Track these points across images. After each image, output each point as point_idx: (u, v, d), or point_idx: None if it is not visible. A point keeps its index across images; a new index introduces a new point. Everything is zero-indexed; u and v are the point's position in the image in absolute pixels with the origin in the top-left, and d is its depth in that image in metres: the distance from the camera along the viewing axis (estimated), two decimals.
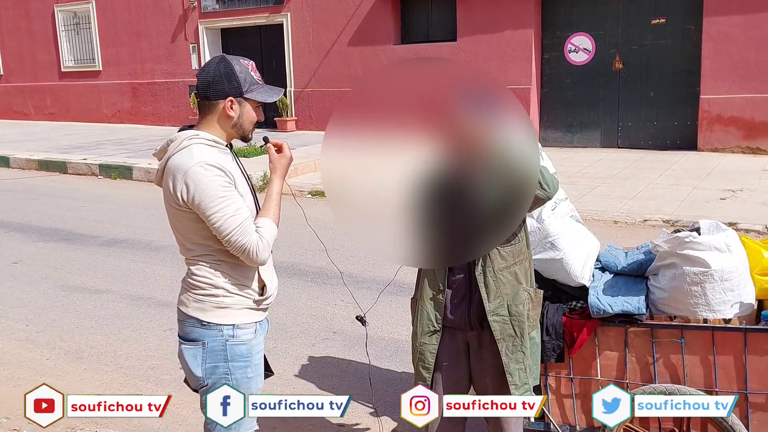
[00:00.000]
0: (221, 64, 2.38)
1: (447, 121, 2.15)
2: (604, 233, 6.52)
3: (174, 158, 2.34)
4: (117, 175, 11.60)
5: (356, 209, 2.30)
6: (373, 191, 2.24)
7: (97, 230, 8.07)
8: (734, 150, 10.91)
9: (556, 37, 12.31)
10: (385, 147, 2.20)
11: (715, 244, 2.86)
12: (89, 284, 6.20)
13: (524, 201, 2.20)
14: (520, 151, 2.11)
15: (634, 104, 11.80)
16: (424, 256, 2.32)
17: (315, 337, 4.91)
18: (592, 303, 2.96)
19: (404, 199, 2.23)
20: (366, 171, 2.24)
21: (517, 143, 2.12)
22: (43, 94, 19.43)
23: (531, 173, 2.17)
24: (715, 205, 7.73)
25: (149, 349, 4.81)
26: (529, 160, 2.14)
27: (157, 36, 16.95)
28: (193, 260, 2.42)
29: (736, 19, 10.62)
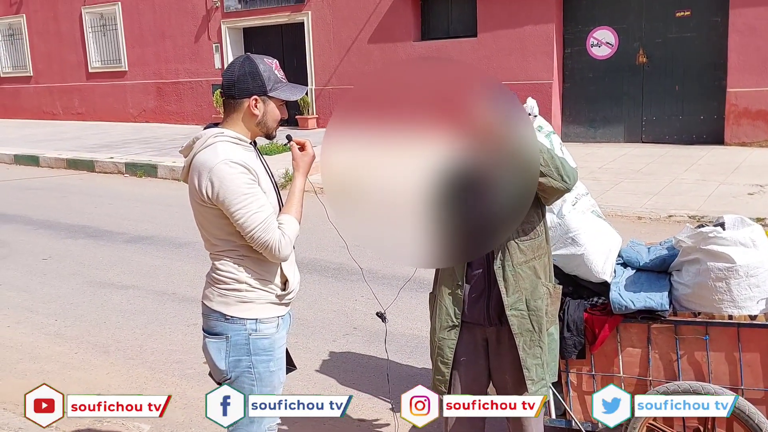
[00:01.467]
0: (246, 63, 2.42)
1: (464, 117, 2.16)
2: (628, 229, 6.47)
3: (199, 155, 2.37)
4: (143, 173, 11.75)
5: (364, 211, 2.31)
6: (383, 191, 2.26)
7: (124, 227, 8.19)
8: (762, 144, 10.73)
9: (578, 32, 12.20)
10: (394, 145, 2.21)
11: (740, 240, 2.82)
12: (116, 280, 6.30)
13: (531, 186, 2.24)
14: (524, 141, 2.15)
15: (658, 98, 11.65)
16: (442, 254, 2.33)
17: (336, 332, 4.94)
18: (613, 299, 2.94)
19: (420, 198, 2.25)
20: (372, 171, 2.25)
21: (521, 134, 2.15)
22: (71, 94, 19.74)
23: (533, 159, 2.22)
24: (743, 200, 7.61)
25: (174, 343, 4.88)
26: (531, 148, 2.20)
27: (181, 36, 17.13)
28: (217, 255, 2.46)
29: (763, 10, 10.43)
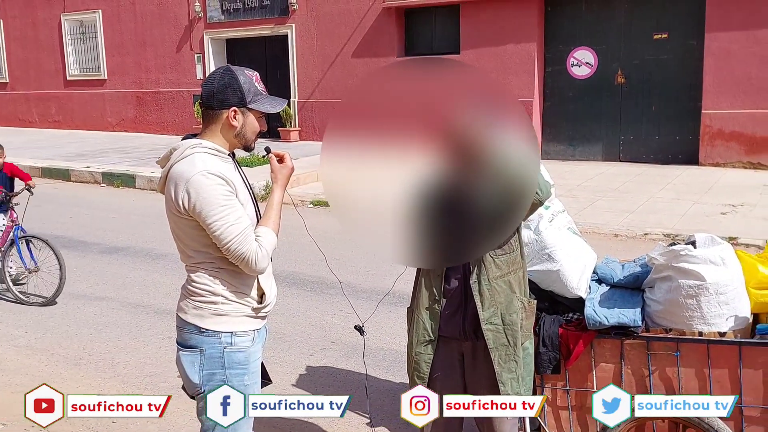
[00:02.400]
0: (226, 74, 2.42)
1: (446, 128, 2.18)
2: (604, 246, 6.54)
3: (176, 166, 2.36)
4: (120, 183, 11.65)
5: (357, 214, 2.33)
6: (373, 197, 2.27)
7: (99, 238, 8.10)
8: (735, 165, 10.93)
9: (558, 51, 12.38)
10: (382, 153, 2.23)
11: (711, 258, 2.87)
12: (89, 291, 6.22)
13: (522, 205, 2.24)
14: (519, 158, 2.14)
15: (635, 118, 11.84)
16: (423, 256, 2.34)
17: (313, 346, 4.92)
18: (588, 315, 2.97)
19: (403, 205, 2.26)
20: (365, 177, 2.27)
21: (516, 150, 2.15)
22: (48, 102, 19.54)
23: (529, 180, 2.20)
24: (716, 219, 7.74)
25: (147, 356, 4.82)
26: (528, 167, 2.17)
27: (163, 45, 17.08)
28: (193, 267, 2.45)
29: (737, 35, 10.67)
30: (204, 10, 16.18)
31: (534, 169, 2.22)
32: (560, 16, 12.34)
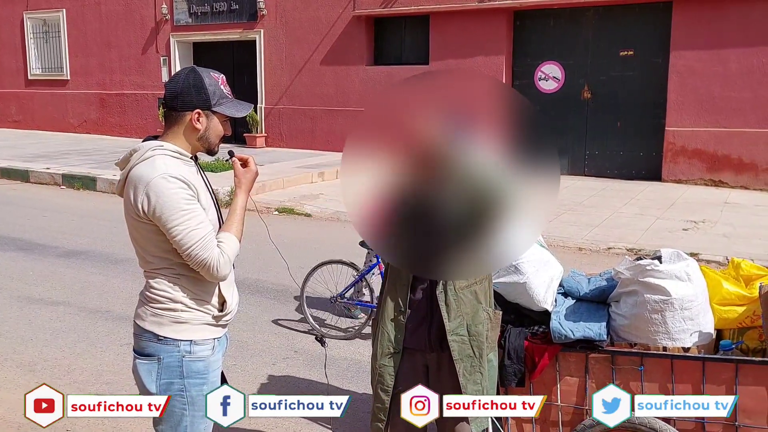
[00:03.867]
0: (191, 75, 2.35)
1: (412, 138, 2.16)
2: (568, 260, 6.58)
3: (136, 168, 2.29)
4: (80, 186, 11.39)
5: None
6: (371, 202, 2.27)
7: (57, 241, 7.88)
8: (697, 182, 11.16)
9: (526, 65, 12.51)
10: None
11: (676, 273, 2.89)
12: (46, 296, 6.04)
13: (492, 226, 2.14)
14: (487, 170, 2.11)
15: (601, 134, 12.01)
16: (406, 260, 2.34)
17: (276, 355, 4.83)
18: (554, 328, 2.96)
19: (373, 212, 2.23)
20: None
21: (484, 161, 2.12)
22: (8, 101, 19.08)
23: (497, 197, 2.14)
24: (678, 235, 7.86)
25: (105, 363, 4.68)
26: (499, 180, 2.12)
27: (128, 47, 16.81)
28: (152, 273, 2.37)
29: (702, 54, 10.92)
30: (171, 12, 15.98)
31: (503, 187, 2.15)
32: (529, 30, 12.49)
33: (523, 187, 2.13)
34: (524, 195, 2.14)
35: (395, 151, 2.21)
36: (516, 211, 2.13)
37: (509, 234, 2.15)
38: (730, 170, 10.96)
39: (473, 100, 2.27)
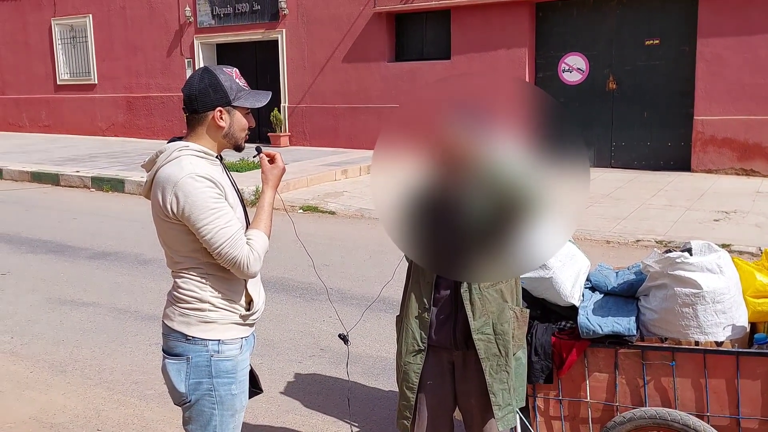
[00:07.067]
0: (205, 75, 2.35)
1: (435, 135, 2.14)
2: (596, 253, 6.51)
3: (163, 170, 2.30)
4: (109, 188, 11.54)
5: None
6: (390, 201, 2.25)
7: (87, 243, 8.00)
8: (728, 171, 10.95)
9: (549, 57, 12.38)
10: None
11: (707, 265, 2.82)
12: (76, 297, 6.13)
13: (518, 226, 2.11)
14: (513, 168, 2.08)
15: (627, 124, 11.85)
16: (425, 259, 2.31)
17: (302, 353, 4.85)
18: (581, 323, 2.92)
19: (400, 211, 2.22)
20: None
21: (511, 160, 2.09)
22: (38, 106, 19.42)
23: (526, 198, 2.09)
24: (708, 226, 7.72)
25: (134, 363, 4.74)
26: (525, 186, 2.08)
27: (153, 50, 17.00)
28: (179, 273, 2.38)
29: (730, 41, 10.71)
30: (194, 14, 16.12)
31: (529, 186, 2.11)
32: (551, 21, 12.35)
33: (553, 187, 2.09)
34: (554, 194, 2.10)
35: (423, 151, 2.19)
36: (545, 211, 2.09)
37: (538, 235, 2.11)
38: (762, 159, 10.74)
39: (498, 100, 2.25)
